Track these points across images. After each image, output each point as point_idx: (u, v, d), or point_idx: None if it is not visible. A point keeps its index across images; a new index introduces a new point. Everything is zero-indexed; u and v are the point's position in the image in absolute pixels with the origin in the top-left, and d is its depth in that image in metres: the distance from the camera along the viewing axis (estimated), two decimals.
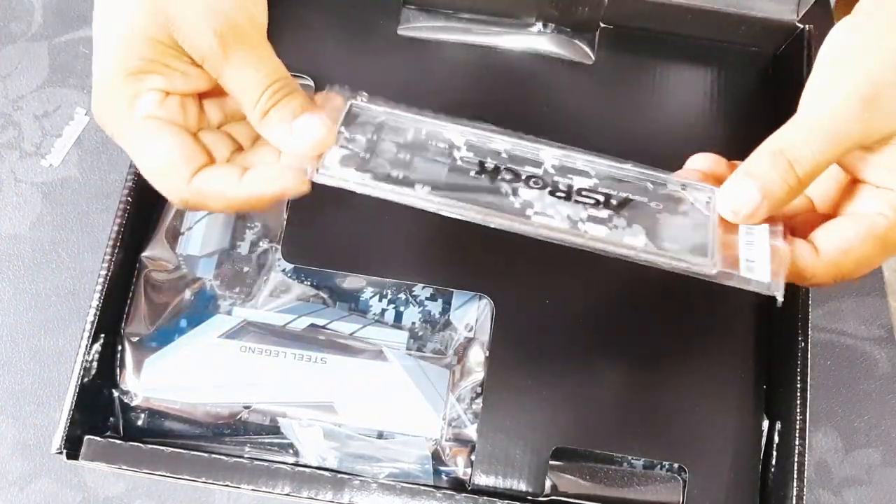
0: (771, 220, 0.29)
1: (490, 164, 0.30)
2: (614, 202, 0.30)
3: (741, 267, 0.28)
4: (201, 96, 0.31)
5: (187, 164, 0.29)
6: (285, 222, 0.42)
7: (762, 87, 0.45)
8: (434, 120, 0.31)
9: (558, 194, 0.29)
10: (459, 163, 0.30)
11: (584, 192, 0.30)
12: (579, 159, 0.31)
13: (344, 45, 0.45)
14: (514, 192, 0.29)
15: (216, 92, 0.32)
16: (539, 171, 0.30)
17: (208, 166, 0.30)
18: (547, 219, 0.29)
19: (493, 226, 0.29)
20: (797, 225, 0.31)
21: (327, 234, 0.42)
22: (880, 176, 0.29)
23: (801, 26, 0.44)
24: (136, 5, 0.29)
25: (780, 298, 0.27)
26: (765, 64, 0.46)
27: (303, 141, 0.29)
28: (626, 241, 0.28)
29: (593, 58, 0.45)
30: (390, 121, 0.31)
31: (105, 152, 0.50)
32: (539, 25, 0.46)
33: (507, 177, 0.30)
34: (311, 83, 0.43)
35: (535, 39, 0.46)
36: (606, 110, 0.45)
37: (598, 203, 0.29)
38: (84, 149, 0.50)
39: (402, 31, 0.46)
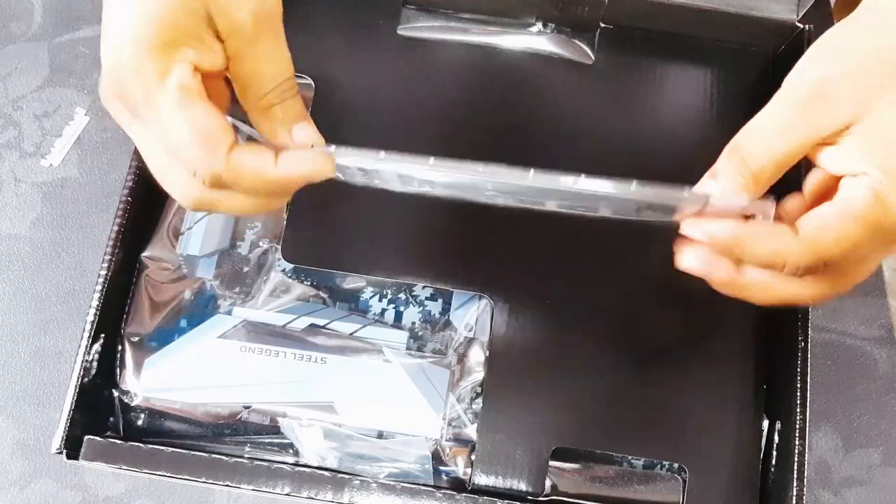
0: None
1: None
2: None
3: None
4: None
5: (225, 137, 0.28)
6: (285, 222, 0.42)
7: (762, 87, 0.45)
8: (414, 164, 0.30)
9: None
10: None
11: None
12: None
13: (344, 45, 0.45)
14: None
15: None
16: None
17: (240, 146, 0.29)
18: (549, 178, 0.29)
19: (499, 185, 0.29)
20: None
21: (327, 234, 0.42)
22: (850, 164, 0.29)
23: (801, 26, 0.44)
24: None
25: None
26: (765, 64, 0.46)
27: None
28: (631, 188, 0.28)
29: (593, 58, 0.45)
30: (371, 167, 0.31)
31: (105, 152, 0.50)
32: (539, 25, 0.46)
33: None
34: (311, 83, 0.43)
35: (535, 39, 0.46)
36: (606, 110, 0.45)
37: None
38: (84, 149, 0.50)
39: (402, 31, 0.46)
